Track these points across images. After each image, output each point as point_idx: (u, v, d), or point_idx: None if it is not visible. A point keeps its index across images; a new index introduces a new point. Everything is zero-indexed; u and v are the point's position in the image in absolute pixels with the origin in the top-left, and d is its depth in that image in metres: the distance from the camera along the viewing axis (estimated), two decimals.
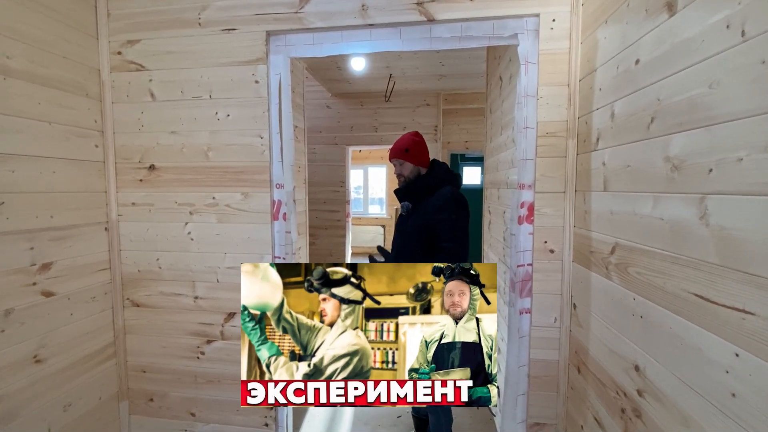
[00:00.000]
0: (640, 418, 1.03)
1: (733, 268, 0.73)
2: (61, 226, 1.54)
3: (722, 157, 0.76)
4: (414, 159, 1.78)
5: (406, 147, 1.77)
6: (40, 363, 1.46)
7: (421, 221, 1.72)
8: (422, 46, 1.61)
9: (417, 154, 1.79)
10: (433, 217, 1.67)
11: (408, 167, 1.79)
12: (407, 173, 1.80)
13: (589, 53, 1.38)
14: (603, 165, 1.26)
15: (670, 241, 0.91)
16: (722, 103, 0.76)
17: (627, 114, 1.12)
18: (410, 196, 1.80)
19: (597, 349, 1.31)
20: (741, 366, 0.71)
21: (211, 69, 1.67)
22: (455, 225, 1.67)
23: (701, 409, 0.81)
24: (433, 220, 1.67)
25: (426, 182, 1.76)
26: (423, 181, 1.77)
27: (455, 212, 1.68)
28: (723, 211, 0.75)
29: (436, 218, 1.66)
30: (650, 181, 1.00)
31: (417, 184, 1.78)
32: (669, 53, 0.93)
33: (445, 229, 1.65)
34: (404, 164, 1.79)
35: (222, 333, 1.76)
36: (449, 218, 1.66)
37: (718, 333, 0.76)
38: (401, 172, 1.81)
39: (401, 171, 1.81)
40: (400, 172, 1.81)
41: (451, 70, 3.87)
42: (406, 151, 1.77)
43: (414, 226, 1.75)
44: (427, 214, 1.70)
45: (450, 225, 1.66)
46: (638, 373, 1.05)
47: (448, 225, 1.66)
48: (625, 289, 1.12)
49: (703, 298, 0.81)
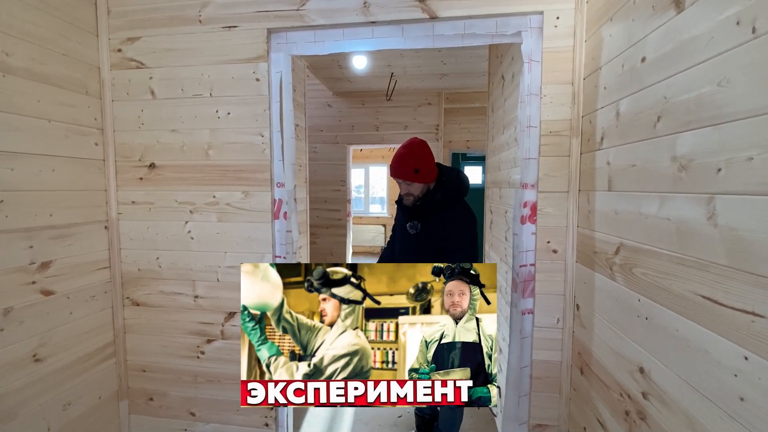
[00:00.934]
0: (645, 421, 1.02)
1: (742, 269, 0.71)
2: (60, 225, 1.53)
3: (731, 156, 0.74)
4: (425, 178, 1.61)
5: (416, 167, 1.58)
6: (40, 362, 1.45)
7: (428, 245, 1.62)
8: (424, 44, 1.59)
9: (428, 172, 1.61)
10: (442, 244, 1.59)
11: (417, 187, 1.62)
12: (417, 192, 1.63)
13: (593, 51, 1.36)
14: (607, 164, 1.25)
15: (676, 241, 0.90)
16: (732, 101, 0.75)
17: (633, 112, 1.10)
18: (421, 215, 1.66)
19: (600, 351, 1.29)
20: (750, 369, 0.69)
21: (212, 67, 1.66)
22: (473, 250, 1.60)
23: (708, 412, 0.79)
24: (447, 248, 1.58)
25: (438, 201, 1.62)
26: (434, 199, 1.62)
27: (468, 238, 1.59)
28: (732, 212, 0.74)
29: (444, 245, 1.58)
30: (656, 181, 0.98)
31: (428, 204, 1.63)
32: (676, 51, 0.91)
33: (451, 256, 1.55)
34: (413, 184, 1.62)
35: (222, 332, 1.75)
36: (456, 246, 1.57)
37: (726, 336, 0.75)
38: (410, 192, 1.64)
39: (410, 191, 1.63)
40: (408, 192, 1.64)
41: (453, 68, 3.85)
42: (416, 172, 1.58)
43: (421, 250, 1.65)
44: (442, 239, 1.60)
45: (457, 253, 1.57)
46: (643, 376, 1.03)
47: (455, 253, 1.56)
48: (629, 290, 1.11)
49: (710, 300, 0.79)
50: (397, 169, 1.61)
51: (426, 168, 1.60)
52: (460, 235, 1.59)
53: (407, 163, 1.59)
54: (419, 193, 1.64)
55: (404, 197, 1.67)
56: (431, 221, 1.63)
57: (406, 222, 1.70)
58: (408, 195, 1.65)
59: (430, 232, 1.63)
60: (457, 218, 1.61)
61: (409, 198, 1.65)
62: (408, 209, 1.68)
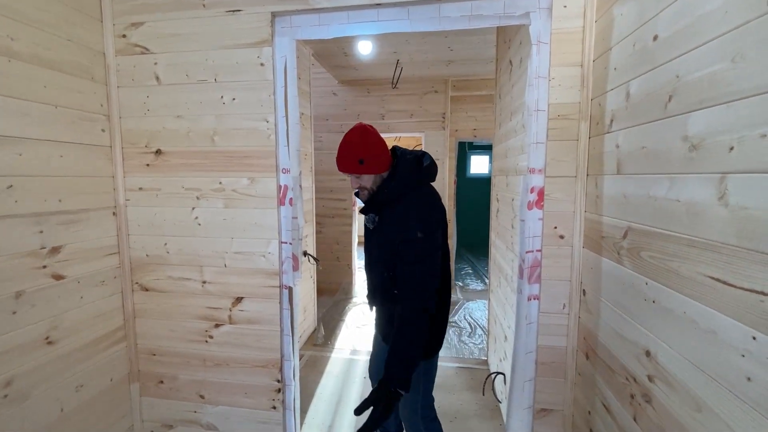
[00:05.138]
0: (650, 404, 1.02)
1: (753, 249, 0.70)
2: (69, 210, 1.55)
3: (744, 134, 0.73)
4: (372, 168, 1.43)
5: (360, 157, 1.41)
6: (52, 344, 1.49)
7: (384, 239, 1.46)
8: (431, 26, 1.57)
9: (374, 161, 1.43)
10: (395, 237, 1.41)
11: (368, 179, 1.46)
12: (369, 185, 1.47)
13: (604, 32, 1.33)
14: (616, 147, 1.23)
15: (686, 223, 0.89)
16: (746, 77, 0.73)
17: (643, 93, 1.08)
18: (376, 206, 1.50)
19: (606, 335, 1.29)
20: (758, 349, 0.69)
21: (216, 52, 1.65)
22: (419, 245, 1.38)
23: (714, 393, 0.79)
24: (394, 241, 1.41)
25: (392, 191, 1.44)
26: (388, 189, 1.45)
27: (423, 229, 1.39)
28: (744, 191, 0.72)
29: (398, 238, 1.40)
30: (667, 162, 0.97)
31: (382, 194, 1.46)
32: (689, 27, 0.89)
33: (406, 250, 1.38)
34: (362, 177, 1.46)
35: (230, 317, 1.78)
36: (411, 238, 1.38)
37: (734, 316, 0.74)
38: (362, 185, 1.48)
39: (361, 184, 1.47)
40: (359, 186, 1.49)
41: (460, 55, 3.79)
42: (360, 162, 1.41)
43: (379, 244, 1.50)
44: (390, 233, 1.43)
45: (412, 246, 1.38)
46: (649, 359, 1.03)
47: (411, 246, 1.38)
48: (637, 274, 1.10)
49: (719, 281, 0.78)
50: (341, 162, 1.44)
51: (372, 156, 1.42)
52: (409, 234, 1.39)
53: (350, 154, 1.42)
54: (372, 185, 1.47)
55: (359, 192, 1.53)
56: (388, 212, 1.47)
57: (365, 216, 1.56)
58: (361, 189, 1.49)
59: (385, 224, 1.47)
60: (407, 208, 1.43)
61: (364, 192, 1.50)
62: (365, 203, 1.53)
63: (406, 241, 1.38)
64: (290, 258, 1.74)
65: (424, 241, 1.38)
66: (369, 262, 1.59)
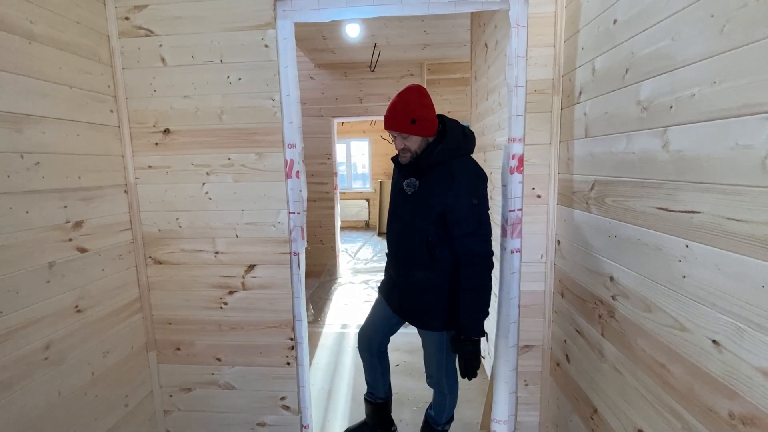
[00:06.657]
0: (614, 317, 1.28)
1: (685, 180, 0.94)
2: (87, 187, 1.63)
3: (679, 95, 0.96)
4: (423, 131, 1.41)
5: (413, 117, 1.38)
6: (81, 312, 1.59)
7: (435, 202, 1.44)
8: (421, 10, 1.74)
9: (426, 123, 1.40)
10: (453, 202, 1.41)
11: (415, 141, 1.43)
12: (415, 147, 1.45)
13: (573, 16, 1.55)
14: (584, 115, 1.47)
15: (639, 169, 1.13)
16: (681, 51, 0.96)
17: (606, 68, 1.31)
18: (418, 171, 1.48)
19: (578, 273, 1.55)
20: (690, 254, 0.94)
21: (221, 34, 1.75)
22: (478, 211, 1.43)
23: (660, 294, 1.05)
24: (452, 206, 1.42)
25: (440, 156, 1.44)
26: (435, 153, 1.44)
27: (477, 195, 1.42)
28: (680, 138, 0.97)
29: (457, 204, 1.41)
30: (624, 123, 1.20)
31: (428, 158, 1.44)
32: (641, 12, 1.12)
33: (466, 217, 1.40)
34: (409, 137, 1.42)
35: (243, 284, 1.92)
36: (471, 204, 1.40)
37: (673, 233, 0.99)
38: (407, 147, 1.45)
39: (407, 145, 1.44)
40: (404, 147, 1.46)
41: (435, 39, 3.97)
42: (412, 122, 1.38)
43: (420, 209, 1.48)
44: (444, 196, 1.42)
45: (474, 212, 1.41)
46: (613, 282, 1.29)
47: (471, 212, 1.40)
48: (602, 217, 1.35)
49: (663, 209, 1.03)
50: (391, 120, 1.41)
51: (425, 118, 1.40)
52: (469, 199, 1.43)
53: (403, 112, 1.39)
54: (417, 148, 1.46)
55: (401, 154, 1.50)
56: (431, 177, 1.47)
57: (402, 181, 1.55)
58: (405, 151, 1.47)
59: (427, 190, 1.47)
60: (457, 175, 1.44)
61: (406, 154, 1.48)
62: (404, 167, 1.53)
63: (462, 208, 1.42)
64: (298, 227, 1.89)
65: (480, 206, 1.47)
66: (401, 226, 1.59)
